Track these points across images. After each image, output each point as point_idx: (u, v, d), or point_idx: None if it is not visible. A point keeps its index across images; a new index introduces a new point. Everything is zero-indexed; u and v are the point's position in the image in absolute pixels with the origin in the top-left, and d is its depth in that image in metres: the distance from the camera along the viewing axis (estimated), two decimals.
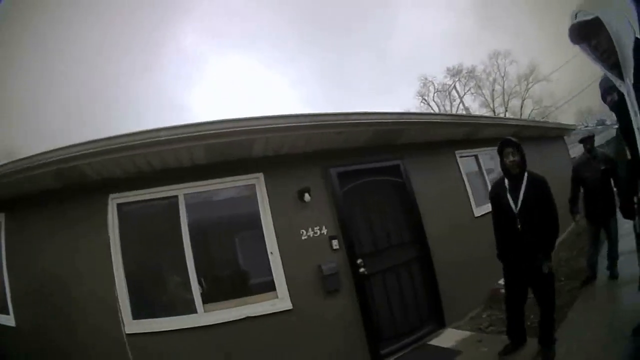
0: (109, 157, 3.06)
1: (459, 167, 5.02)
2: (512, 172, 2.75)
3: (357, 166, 3.79)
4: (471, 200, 4.99)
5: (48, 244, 3.39)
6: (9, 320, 3.63)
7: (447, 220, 4.44)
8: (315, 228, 3.45)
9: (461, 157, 5.14)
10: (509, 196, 2.75)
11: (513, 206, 2.71)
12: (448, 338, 3.77)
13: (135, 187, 3.36)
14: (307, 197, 3.41)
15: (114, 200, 3.40)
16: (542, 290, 2.73)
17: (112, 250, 3.32)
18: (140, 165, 3.24)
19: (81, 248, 3.38)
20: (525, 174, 2.73)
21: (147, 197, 3.36)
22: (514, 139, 2.79)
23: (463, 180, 5.00)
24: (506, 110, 25.37)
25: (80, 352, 3.21)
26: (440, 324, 4.05)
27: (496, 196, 2.90)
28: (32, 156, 3.33)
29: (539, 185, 2.70)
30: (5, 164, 3.68)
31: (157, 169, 3.33)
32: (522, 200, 2.68)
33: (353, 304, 3.57)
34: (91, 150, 3.05)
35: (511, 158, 2.72)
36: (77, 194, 3.41)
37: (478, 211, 4.92)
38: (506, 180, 2.83)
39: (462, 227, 4.65)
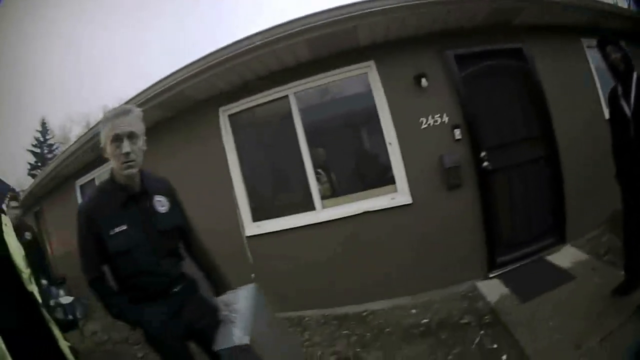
0: (209, 74, 3.06)
1: (587, 60, 4.22)
2: (619, 70, 2.42)
3: (475, 48, 3.31)
4: (601, 100, 4.22)
5: (168, 166, 3.57)
6: None
7: (577, 119, 3.80)
8: (435, 116, 3.14)
9: (589, 47, 4.30)
10: (622, 101, 2.41)
11: (627, 110, 2.37)
12: (566, 257, 3.34)
13: (243, 97, 3.35)
14: (424, 82, 3.08)
15: (224, 113, 3.45)
16: None
17: (228, 159, 3.40)
18: (244, 75, 3.19)
19: (200, 162, 3.53)
20: (634, 74, 2.38)
21: (258, 102, 3.33)
22: (610, 36, 2.49)
23: (592, 75, 4.21)
24: (629, 5, 21.24)
25: None
26: (561, 239, 3.59)
27: (611, 102, 2.55)
28: (137, 95, 3.48)
29: None
30: (114, 108, 3.92)
31: (262, 75, 3.25)
32: (635, 103, 2.33)
33: (474, 202, 3.26)
34: (190, 73, 3.07)
35: (613, 55, 2.42)
36: (189, 116, 3.51)
37: (608, 114, 4.14)
38: (618, 86, 2.47)
39: (591, 130, 3.97)
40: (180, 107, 3.52)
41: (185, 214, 1.60)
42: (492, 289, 3.08)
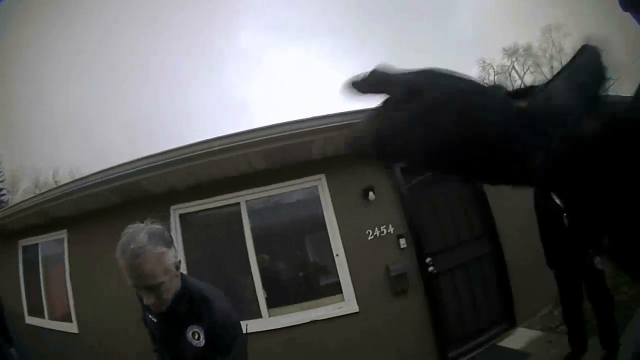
0: (165, 172, 3.06)
1: None
2: None
3: None
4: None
5: (110, 256, 3.42)
6: (72, 327, 3.84)
7: (517, 213, 4.04)
8: (381, 227, 3.23)
9: None
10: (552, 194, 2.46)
11: (557, 200, 2.48)
12: (518, 339, 3.49)
13: (196, 197, 3.31)
14: (371, 195, 3.18)
15: (176, 211, 3.38)
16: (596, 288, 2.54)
17: None
18: (199, 176, 3.17)
19: None
20: None
21: (209, 206, 3.30)
22: None
23: None
24: None
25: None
26: (511, 323, 3.76)
27: (537, 195, 2.76)
28: (93, 174, 3.38)
29: None
30: (67, 184, 3.78)
31: (216, 179, 3.25)
32: None
33: (421, 305, 3.35)
34: (147, 166, 3.07)
35: None
36: (139, 207, 3.41)
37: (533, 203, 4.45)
38: None
39: (532, 219, 4.23)
40: (132, 195, 3.41)
41: (228, 342, 1.25)
42: None
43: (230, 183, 3.22)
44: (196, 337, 1.21)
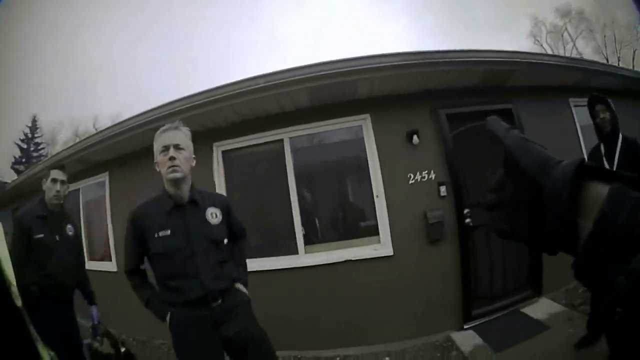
0: (209, 109, 3.06)
1: (573, 118, 4.38)
2: (605, 130, 2.54)
3: (467, 108, 3.40)
4: (585, 157, 4.37)
5: (149, 195, 3.52)
6: (111, 266, 4.01)
7: None
8: (423, 172, 3.20)
9: (576, 106, 4.46)
10: (605, 161, 2.52)
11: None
12: (541, 309, 3.45)
13: (239, 134, 3.35)
14: (415, 139, 3.15)
15: (218, 148, 3.44)
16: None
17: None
18: (242, 113, 3.20)
19: None
20: (620, 136, 2.50)
21: (253, 142, 3.34)
22: (601, 95, 2.61)
23: (577, 133, 4.37)
24: (619, 60, 21.97)
25: None
26: (537, 292, 3.70)
27: (592, 161, 2.56)
28: (132, 117, 3.45)
29: (635, 148, 2.44)
30: (109, 128, 3.89)
31: (260, 116, 3.27)
32: (618, 165, 2.44)
33: (454, 256, 3.34)
34: (191, 104, 3.07)
35: (601, 115, 2.53)
36: None
37: None
38: (602, 145, 2.60)
39: None
40: None
41: (240, 224, 1.73)
42: (466, 340, 3.14)
43: (274, 120, 3.23)
44: (214, 216, 1.57)
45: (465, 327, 3.34)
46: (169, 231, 1.46)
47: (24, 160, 20.69)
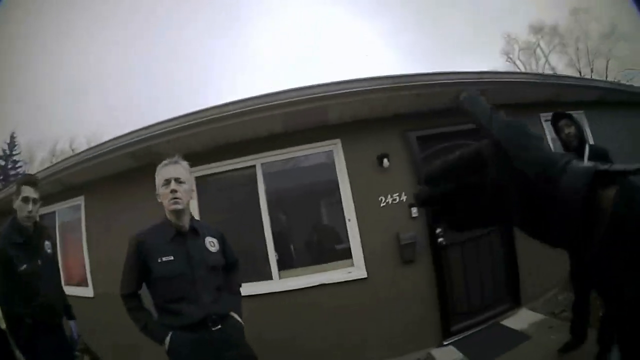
0: (181, 135, 3.08)
1: (544, 132, 4.48)
2: (572, 145, 2.55)
3: (437, 130, 3.46)
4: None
5: (126, 218, 3.48)
6: (88, 292, 3.94)
7: None
8: (394, 194, 3.24)
9: (546, 120, 4.57)
10: None
11: None
12: (521, 320, 3.49)
13: (212, 160, 3.36)
14: (386, 162, 3.19)
15: (192, 174, 3.43)
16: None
17: None
18: (215, 139, 3.22)
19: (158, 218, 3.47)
20: (587, 146, 2.54)
21: (225, 168, 3.35)
22: (562, 112, 2.65)
23: (549, 147, 4.47)
24: (592, 72, 22.53)
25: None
26: (516, 303, 3.75)
27: None
28: (109, 140, 3.44)
29: (603, 156, 2.48)
30: (83, 151, 3.86)
31: (232, 142, 3.29)
32: None
33: (429, 276, 3.37)
34: (162, 131, 3.11)
35: (566, 130, 2.56)
36: (153, 169, 3.48)
37: None
38: None
39: None
40: (148, 159, 3.48)
41: (234, 254, 1.82)
42: (447, 356, 3.16)
43: (246, 146, 3.25)
44: (212, 244, 1.69)
45: (445, 343, 3.35)
46: (171, 257, 1.54)
47: (1, 177, 20.31)
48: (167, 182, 1.61)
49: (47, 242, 2.26)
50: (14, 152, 21.92)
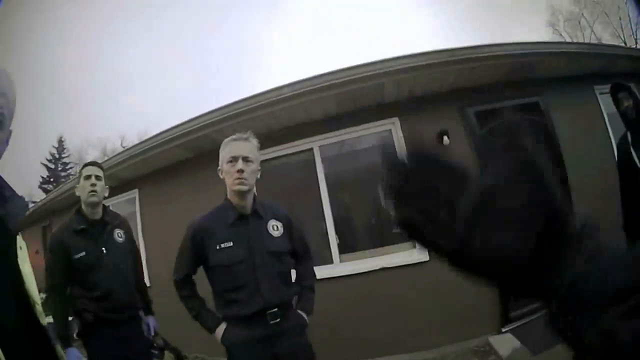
0: (235, 122, 3.06)
1: (599, 106, 4.25)
2: (630, 118, 2.39)
3: (495, 104, 3.32)
4: (613, 145, 4.24)
5: (180, 209, 3.49)
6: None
7: (589, 168, 3.82)
8: None
9: (601, 93, 4.34)
10: (632, 150, 2.35)
11: (637, 160, 2.28)
12: None
13: (268, 145, 3.34)
14: (445, 139, 3.09)
15: (259, 153, 3.44)
16: None
17: None
18: (270, 124, 3.19)
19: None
20: None
21: (282, 152, 3.33)
22: (623, 82, 2.45)
23: (605, 122, 4.24)
24: (636, 42, 21.40)
25: None
26: None
27: (620, 151, 2.52)
28: (159, 133, 3.46)
29: None
30: (133, 146, 3.91)
31: (288, 125, 3.27)
32: None
33: None
34: (217, 118, 3.07)
35: (625, 103, 2.38)
36: (209, 159, 3.50)
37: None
38: (628, 134, 2.43)
39: (605, 178, 3.99)
40: (201, 149, 3.50)
41: (304, 241, 1.67)
42: (504, 343, 3.07)
43: (302, 129, 3.23)
44: (276, 228, 1.55)
45: (504, 330, 3.25)
46: (231, 243, 1.46)
47: (52, 180, 21.12)
48: (234, 159, 1.48)
49: (118, 230, 2.06)
50: (63, 155, 22.82)
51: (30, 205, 6.71)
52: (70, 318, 1.97)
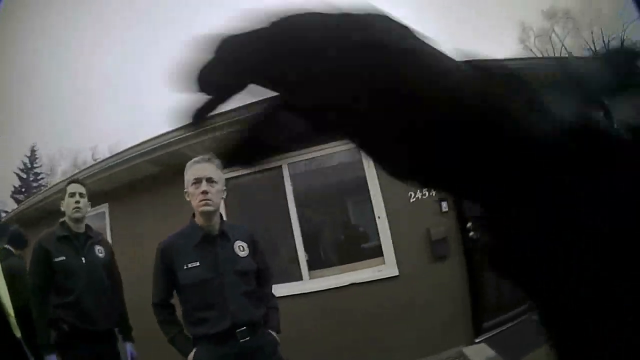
0: (207, 137, 3.04)
1: None
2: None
3: None
4: None
5: (151, 223, 3.47)
6: None
7: None
8: (424, 189, 3.16)
9: None
10: None
11: None
12: None
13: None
14: None
15: (223, 174, 3.42)
16: None
17: None
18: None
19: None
20: None
21: (250, 170, 3.31)
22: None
23: None
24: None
25: None
26: None
27: None
28: (130, 148, 3.43)
29: None
30: (104, 160, 3.86)
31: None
32: None
33: (461, 271, 3.30)
34: (189, 134, 3.07)
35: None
36: (179, 174, 3.47)
37: None
38: None
39: None
40: (173, 164, 3.47)
41: (266, 262, 1.69)
42: (479, 353, 3.09)
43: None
44: (242, 249, 1.57)
45: (477, 340, 3.28)
46: (197, 262, 1.47)
47: (23, 189, 20.72)
48: (198, 181, 1.50)
49: (99, 247, 2.12)
50: (35, 165, 22.38)
51: (2, 214, 6.54)
52: None
